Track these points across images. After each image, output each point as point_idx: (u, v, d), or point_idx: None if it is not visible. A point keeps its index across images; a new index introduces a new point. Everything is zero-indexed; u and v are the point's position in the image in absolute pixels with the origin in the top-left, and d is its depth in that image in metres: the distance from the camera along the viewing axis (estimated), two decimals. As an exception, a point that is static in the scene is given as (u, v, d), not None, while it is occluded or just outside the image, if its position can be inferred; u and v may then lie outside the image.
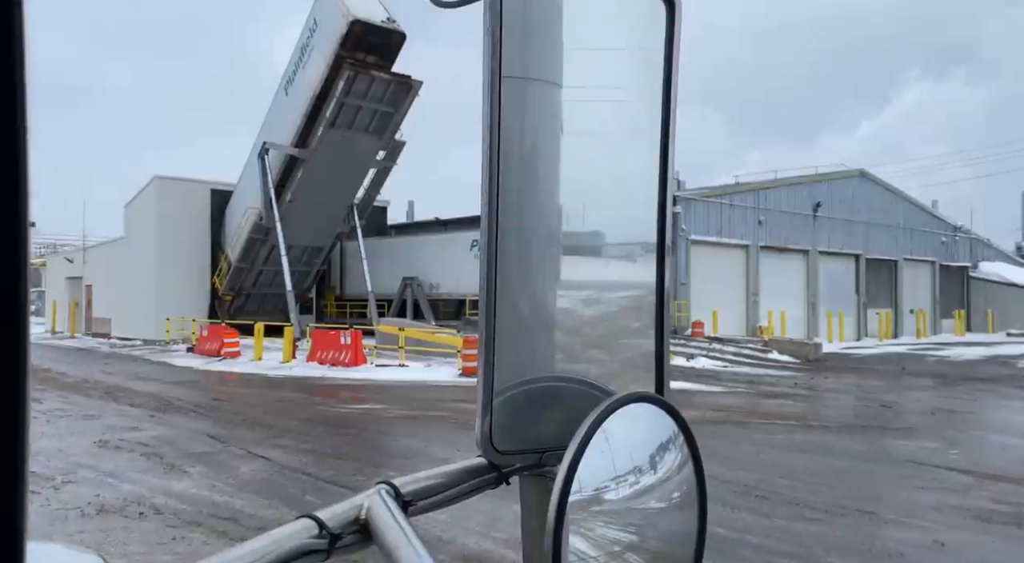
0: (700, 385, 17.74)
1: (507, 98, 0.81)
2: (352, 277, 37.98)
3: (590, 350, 0.99)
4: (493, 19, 0.80)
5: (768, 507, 7.36)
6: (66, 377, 19.85)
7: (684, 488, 0.81)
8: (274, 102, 32.19)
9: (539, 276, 0.90)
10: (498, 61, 0.79)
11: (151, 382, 18.97)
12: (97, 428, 11.97)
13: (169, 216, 34.22)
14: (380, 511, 0.75)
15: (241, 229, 32.91)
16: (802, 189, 35.50)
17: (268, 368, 21.75)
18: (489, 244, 0.79)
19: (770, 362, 23.72)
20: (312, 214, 32.11)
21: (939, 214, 45.56)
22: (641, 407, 0.79)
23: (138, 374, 21.01)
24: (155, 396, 16.02)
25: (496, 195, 0.79)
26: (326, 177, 31.02)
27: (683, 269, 29.78)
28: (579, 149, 0.91)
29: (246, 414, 13.67)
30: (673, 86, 0.95)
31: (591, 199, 0.95)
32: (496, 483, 0.87)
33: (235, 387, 18.00)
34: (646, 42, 0.95)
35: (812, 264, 36.07)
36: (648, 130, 0.96)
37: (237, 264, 33.25)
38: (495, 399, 0.81)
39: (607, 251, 0.99)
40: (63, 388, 17.32)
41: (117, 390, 17.09)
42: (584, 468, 0.72)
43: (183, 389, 17.73)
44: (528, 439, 0.85)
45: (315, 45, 29.63)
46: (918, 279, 43.45)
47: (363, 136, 30.67)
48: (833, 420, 12.90)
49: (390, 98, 30.13)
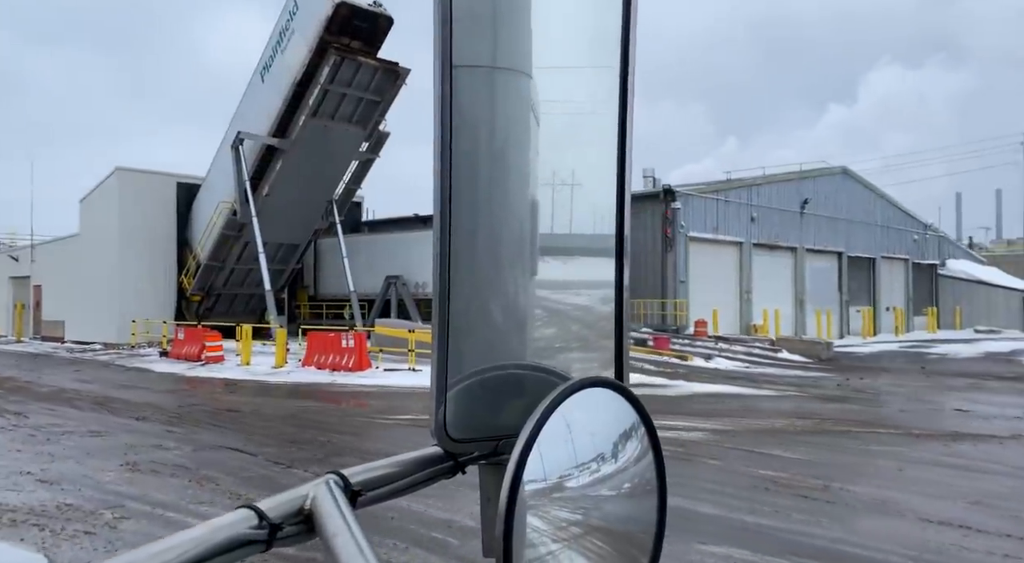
0: (739, 387, 16.78)
1: (474, 88, 0.80)
2: (327, 276, 36.14)
3: (553, 339, 0.95)
4: (443, 5, 0.77)
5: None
6: (37, 386, 17.83)
7: (644, 475, 0.80)
8: (248, 90, 30.20)
9: (499, 265, 0.86)
10: (448, 49, 0.77)
11: (139, 390, 17.12)
12: (114, 447, 10.31)
13: (131, 211, 31.88)
14: (325, 502, 0.72)
15: (212, 225, 30.84)
16: (790, 186, 35.12)
17: (263, 374, 20.01)
18: (442, 232, 0.78)
19: (786, 362, 22.98)
20: (289, 209, 30.25)
21: (911, 212, 45.95)
22: (600, 393, 0.78)
23: (119, 382, 19.06)
24: (155, 407, 14.28)
25: (448, 185, 0.77)
26: (306, 169, 29.23)
27: (682, 266, 28.95)
28: (546, 140, 0.88)
29: (277, 427, 12.11)
30: (630, 74, 0.92)
31: (556, 190, 0.91)
32: (451, 472, 0.85)
33: (240, 396, 16.31)
34: (608, 27, 0.91)
35: (800, 261, 35.73)
36: (611, 119, 0.93)
37: (208, 262, 31.14)
38: (451, 388, 0.79)
39: (572, 241, 0.96)
40: (42, 399, 15.39)
41: (107, 400, 15.26)
42: (542, 453, 0.70)
43: (180, 398, 15.97)
44: (486, 427, 0.83)
45: (296, 28, 27.80)
46: (893, 277, 43.71)
47: (346, 126, 28.97)
48: (927, 427, 11.98)
49: (376, 86, 28.50)
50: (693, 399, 14.83)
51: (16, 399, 15.26)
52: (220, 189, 31.17)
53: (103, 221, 32.42)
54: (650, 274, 29.16)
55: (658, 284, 28.96)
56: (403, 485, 0.82)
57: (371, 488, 0.79)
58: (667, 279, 28.74)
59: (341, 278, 35.20)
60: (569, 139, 0.93)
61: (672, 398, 14.95)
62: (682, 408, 13.45)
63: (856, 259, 39.90)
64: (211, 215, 31.05)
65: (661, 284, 28.87)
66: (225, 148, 30.73)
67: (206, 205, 32.10)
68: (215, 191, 31.55)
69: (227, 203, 30.48)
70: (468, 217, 0.81)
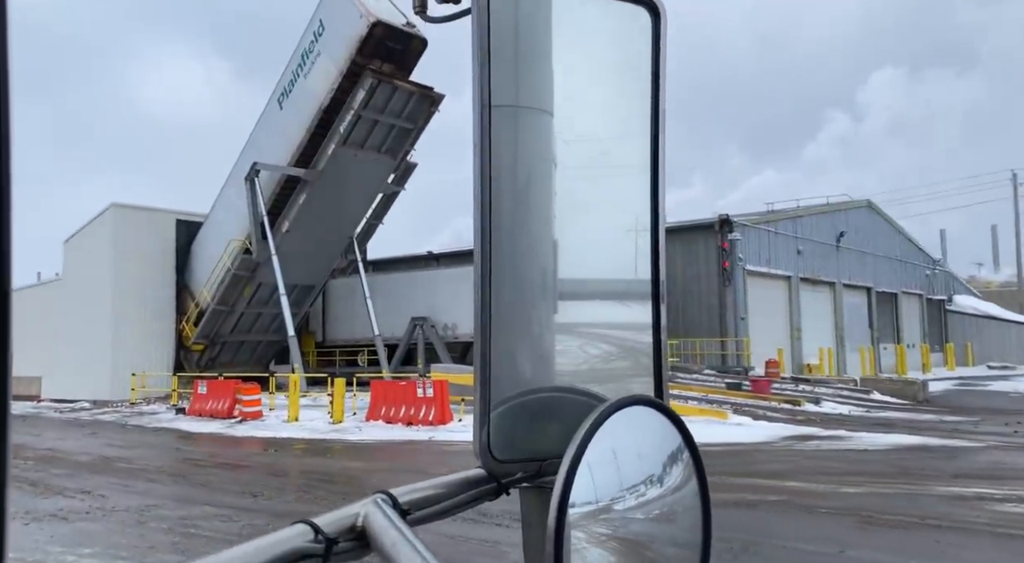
0: (925, 438, 14.53)
1: (497, 127, 0.80)
2: (336, 320, 33.22)
3: (594, 365, 0.98)
4: (481, 47, 0.78)
5: None
6: (70, 454, 14.75)
7: (688, 496, 0.79)
8: (263, 118, 27.67)
9: (535, 290, 0.89)
10: (487, 91, 0.79)
11: (199, 455, 14.22)
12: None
13: (127, 252, 28.74)
14: (378, 518, 0.73)
15: (222, 266, 27.88)
16: (825, 218, 33.85)
17: (325, 431, 17.20)
18: (483, 258, 0.79)
19: (894, 404, 21.06)
20: (310, 246, 27.60)
21: (923, 247, 45.36)
22: (642, 412, 0.77)
23: (161, 445, 16.08)
24: (250, 477, 11.52)
25: (488, 224, 0.79)
26: (331, 203, 26.70)
27: (741, 302, 27.05)
28: (573, 174, 0.90)
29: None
30: (661, 102, 0.93)
31: (585, 217, 0.94)
32: (495, 494, 0.85)
33: (336, 460, 13.55)
34: (636, 58, 0.93)
35: (838, 297, 34.30)
36: (642, 148, 0.94)
37: (216, 306, 28.07)
38: (493, 410, 0.80)
39: (605, 268, 0.97)
40: (96, 470, 12.43)
41: (177, 471, 12.41)
42: (584, 475, 0.70)
43: (264, 464, 13.14)
44: (528, 449, 0.84)
45: (322, 50, 25.53)
46: (911, 312, 42.78)
47: (376, 156, 26.62)
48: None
49: (410, 113, 26.28)
50: (908, 454, 12.60)
51: (62, 472, 12.26)
52: (228, 226, 28.36)
53: (93, 263, 29.15)
54: (705, 311, 27.21)
55: (715, 321, 26.99)
56: (449, 505, 0.82)
57: (418, 508, 0.79)
58: (726, 316, 26.80)
59: (352, 322, 32.45)
60: (595, 175, 0.94)
61: (873, 452, 12.80)
62: (936, 469, 11.31)
63: (881, 294, 38.79)
64: (219, 255, 28.12)
65: (720, 321, 26.90)
66: (235, 182, 28.02)
67: (211, 244, 29.17)
68: (221, 229, 28.70)
69: (238, 241, 27.66)
70: (501, 251, 0.82)
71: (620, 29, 0.92)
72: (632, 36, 0.91)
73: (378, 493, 0.77)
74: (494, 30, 0.79)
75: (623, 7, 0.91)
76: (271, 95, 27.43)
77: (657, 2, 0.92)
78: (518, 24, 0.85)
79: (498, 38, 0.80)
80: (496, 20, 0.80)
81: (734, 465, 11.30)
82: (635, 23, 0.91)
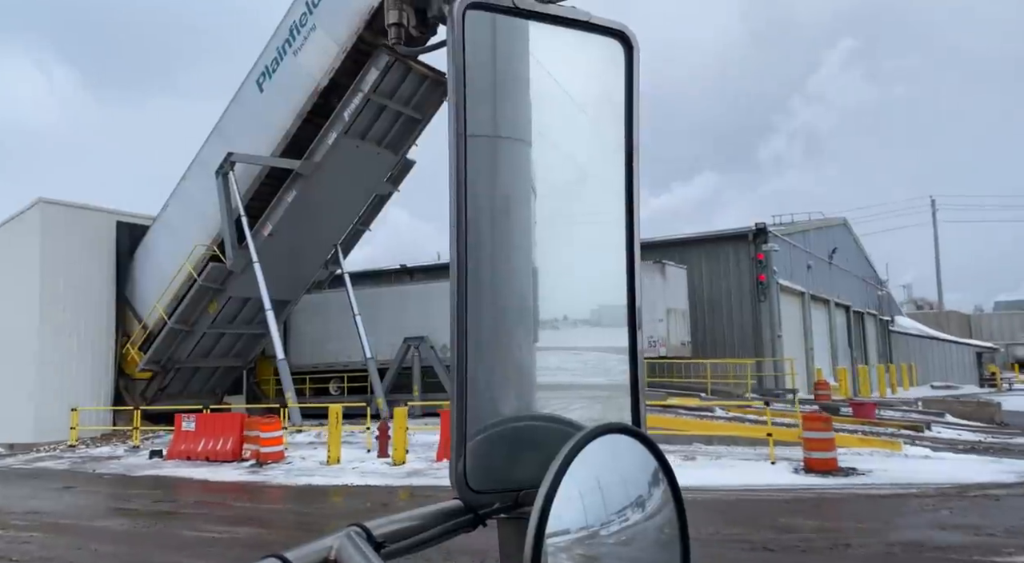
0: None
1: (474, 156, 0.80)
2: (301, 343, 28.83)
3: (572, 390, 0.96)
4: (457, 77, 0.79)
5: None
6: (83, 521, 10.45)
7: (666, 523, 0.78)
8: (236, 103, 23.39)
9: (514, 317, 0.87)
10: (463, 120, 0.78)
11: (256, 515, 10.33)
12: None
13: (56, 259, 23.48)
14: (350, 552, 0.71)
15: (183, 276, 23.20)
16: (821, 234, 32.76)
17: (396, 475, 13.45)
18: (459, 285, 0.78)
19: (981, 428, 19.39)
20: (291, 255, 23.45)
21: (875, 267, 45.66)
22: (619, 440, 0.77)
23: (182, 505, 11.92)
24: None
25: (464, 244, 0.79)
26: (324, 202, 22.77)
27: (777, 318, 25.03)
28: (551, 202, 0.90)
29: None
30: (635, 130, 0.93)
31: (564, 244, 0.93)
32: (472, 525, 0.83)
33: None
34: (610, 88, 0.93)
35: (832, 314, 33.20)
36: (618, 176, 0.94)
37: (174, 325, 23.25)
38: (470, 439, 0.79)
39: (583, 297, 0.96)
40: (133, 540, 8.40)
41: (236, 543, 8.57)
42: (561, 505, 0.69)
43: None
44: (505, 479, 0.82)
45: (318, 23, 21.68)
46: (870, 332, 42.70)
47: (376, 150, 22.91)
48: None
49: (419, 101, 22.77)
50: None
51: (106, 549, 8.19)
52: (186, 230, 23.77)
53: (11, 273, 23.67)
54: (737, 329, 25.04)
55: (748, 340, 24.84)
56: (425, 538, 0.80)
57: (393, 540, 0.77)
58: (763, 334, 24.69)
59: (322, 345, 28.31)
60: (572, 204, 0.94)
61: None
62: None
63: (854, 314, 38.28)
64: (176, 264, 23.43)
65: (754, 340, 24.76)
66: (198, 177, 23.54)
67: (163, 251, 24.40)
68: (178, 233, 24.03)
69: (204, 246, 23.14)
70: (480, 279, 0.81)
71: (594, 60, 0.92)
72: (606, 67, 0.92)
73: (352, 525, 0.74)
74: (470, 61, 0.79)
75: (597, 39, 0.91)
76: (246, 76, 23.25)
77: (629, 34, 0.93)
78: (495, 55, 0.85)
79: (474, 69, 0.80)
80: (472, 51, 0.79)
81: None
82: (609, 54, 0.92)
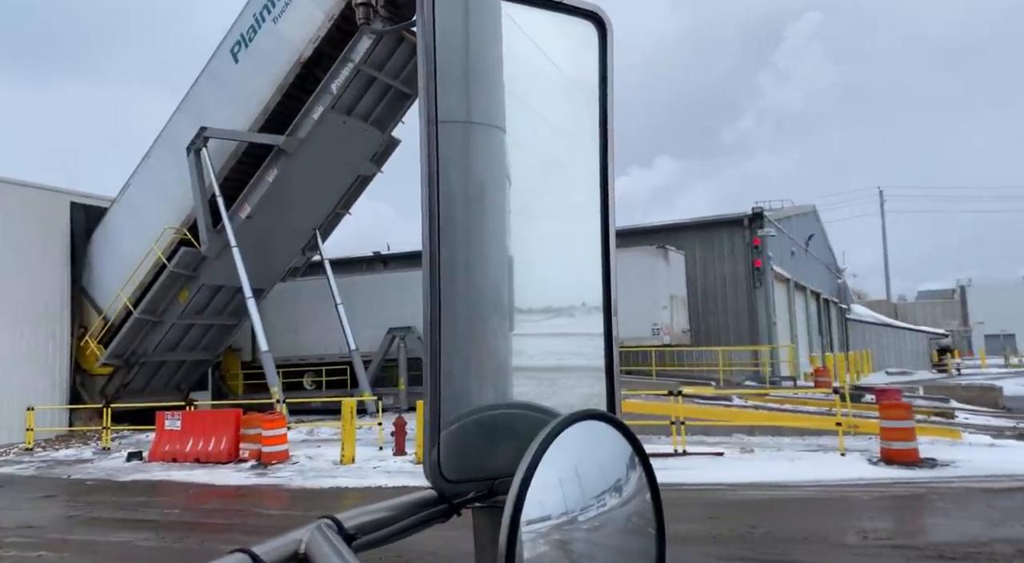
0: None
1: (447, 143, 0.79)
2: (271, 334, 26.91)
3: (547, 377, 0.94)
4: (427, 61, 0.77)
5: None
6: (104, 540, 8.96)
7: (642, 506, 0.78)
8: (206, 75, 21.55)
9: (488, 304, 0.86)
10: (434, 106, 0.77)
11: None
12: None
13: (3, 242, 21.26)
14: (320, 545, 0.70)
15: (151, 261, 21.29)
16: (798, 221, 32.61)
17: (415, 474, 12.22)
18: (432, 274, 0.78)
19: (992, 413, 19.24)
20: (269, 239, 21.80)
21: (835, 254, 46.13)
22: (594, 426, 0.76)
23: (201, 514, 10.50)
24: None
25: (438, 237, 0.78)
26: (307, 183, 21.21)
27: (772, 305, 24.59)
28: (526, 187, 0.88)
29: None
30: (609, 113, 0.92)
31: (540, 231, 0.91)
32: (446, 515, 0.82)
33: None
34: (584, 71, 0.92)
35: (808, 302, 33.13)
36: (592, 160, 0.93)
37: (140, 316, 21.31)
38: (444, 429, 0.78)
39: (559, 283, 0.94)
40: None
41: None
42: (538, 492, 0.69)
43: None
44: (480, 468, 0.81)
45: (302, -12, 20.10)
46: (833, 319, 43.08)
47: (363, 126, 21.44)
48: None
49: (408, 74, 21.39)
50: None
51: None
52: (151, 212, 21.83)
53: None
54: (732, 316, 24.49)
55: (743, 327, 24.33)
56: (398, 529, 0.79)
57: (365, 532, 0.76)
58: (759, 321, 24.20)
59: (292, 336, 26.65)
60: (547, 190, 0.92)
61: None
62: None
63: (823, 301, 38.46)
64: (141, 250, 21.49)
65: (749, 327, 24.26)
66: (164, 154, 21.66)
67: (125, 236, 22.37)
68: (142, 215, 22.07)
69: (174, 229, 21.28)
70: (454, 267, 0.80)
71: (568, 43, 0.90)
72: (580, 49, 0.91)
73: (322, 518, 0.73)
74: (441, 46, 0.78)
75: (571, 20, 0.90)
76: (218, 46, 21.44)
77: (603, 16, 0.91)
78: (467, 39, 0.82)
79: (446, 54, 0.78)
80: (443, 35, 0.78)
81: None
82: (582, 36, 0.91)
